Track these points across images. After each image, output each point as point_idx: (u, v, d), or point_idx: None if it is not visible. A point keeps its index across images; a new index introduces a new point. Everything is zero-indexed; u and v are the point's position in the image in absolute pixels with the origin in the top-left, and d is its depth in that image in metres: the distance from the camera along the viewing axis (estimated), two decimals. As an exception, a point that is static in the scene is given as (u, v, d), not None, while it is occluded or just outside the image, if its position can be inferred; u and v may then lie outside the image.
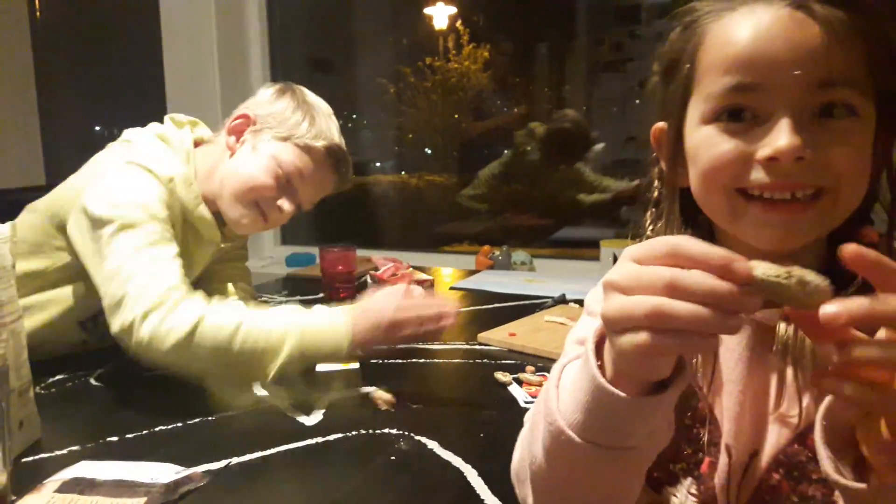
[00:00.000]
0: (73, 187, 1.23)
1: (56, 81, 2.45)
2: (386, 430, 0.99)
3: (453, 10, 2.77)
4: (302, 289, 1.82)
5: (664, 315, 0.45)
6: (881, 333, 0.44)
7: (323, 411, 1.06)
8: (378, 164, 3.25)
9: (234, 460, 0.89)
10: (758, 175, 0.59)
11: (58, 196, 1.24)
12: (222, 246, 1.35)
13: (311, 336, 1.06)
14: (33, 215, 1.26)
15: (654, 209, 0.74)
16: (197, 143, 1.33)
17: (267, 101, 1.31)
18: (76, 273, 1.20)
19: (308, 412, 1.05)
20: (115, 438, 0.98)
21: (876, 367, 0.44)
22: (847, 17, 0.59)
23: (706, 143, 0.63)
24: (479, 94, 2.91)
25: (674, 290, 0.44)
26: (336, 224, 3.01)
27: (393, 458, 0.92)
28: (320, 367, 1.21)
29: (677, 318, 0.44)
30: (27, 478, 0.82)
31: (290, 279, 2.00)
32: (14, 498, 0.77)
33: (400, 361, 1.29)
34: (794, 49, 0.58)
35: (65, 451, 0.94)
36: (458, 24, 2.77)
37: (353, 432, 0.99)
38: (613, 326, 0.48)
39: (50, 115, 2.42)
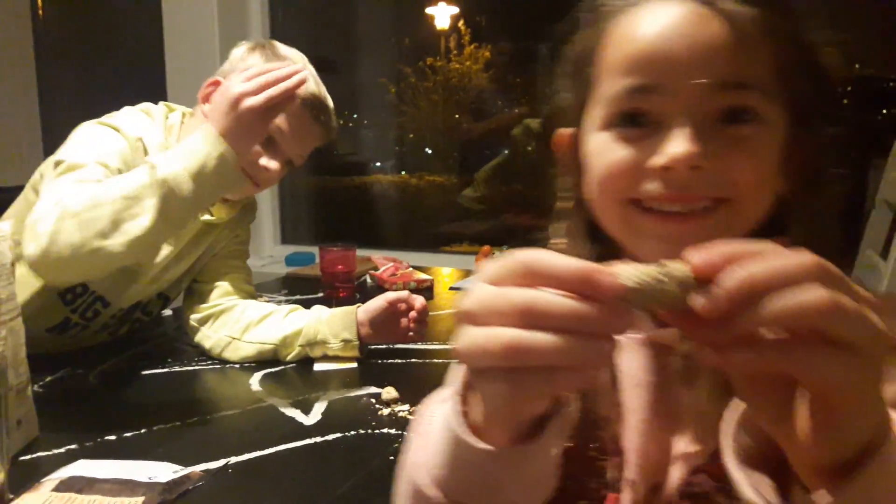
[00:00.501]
0: (46, 163, 1.22)
1: (57, 80, 2.45)
2: (384, 430, 0.99)
3: (455, 10, 2.77)
4: (302, 288, 1.82)
5: (521, 351, 0.37)
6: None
7: (322, 411, 1.06)
8: (378, 164, 3.25)
9: (233, 460, 0.89)
10: (651, 185, 0.55)
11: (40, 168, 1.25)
12: (210, 220, 1.31)
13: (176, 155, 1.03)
14: (24, 191, 1.28)
15: (556, 222, 0.68)
16: None
17: (238, 60, 1.27)
18: None
19: (307, 412, 1.05)
20: (112, 437, 0.98)
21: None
22: (758, 15, 0.55)
23: (600, 150, 0.58)
24: (479, 95, 2.91)
25: (530, 318, 0.37)
26: (336, 223, 3.01)
27: (392, 458, 0.91)
28: (318, 367, 1.22)
29: (537, 353, 0.37)
30: (25, 476, 0.82)
31: (289, 278, 2.00)
32: (12, 496, 0.77)
33: (399, 361, 1.29)
34: (696, 48, 0.54)
35: (62, 450, 0.93)
36: (461, 23, 2.77)
37: (352, 432, 0.99)
38: (469, 365, 0.41)
39: (51, 114, 2.42)
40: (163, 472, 0.80)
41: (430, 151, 3.16)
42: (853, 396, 0.37)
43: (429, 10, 2.78)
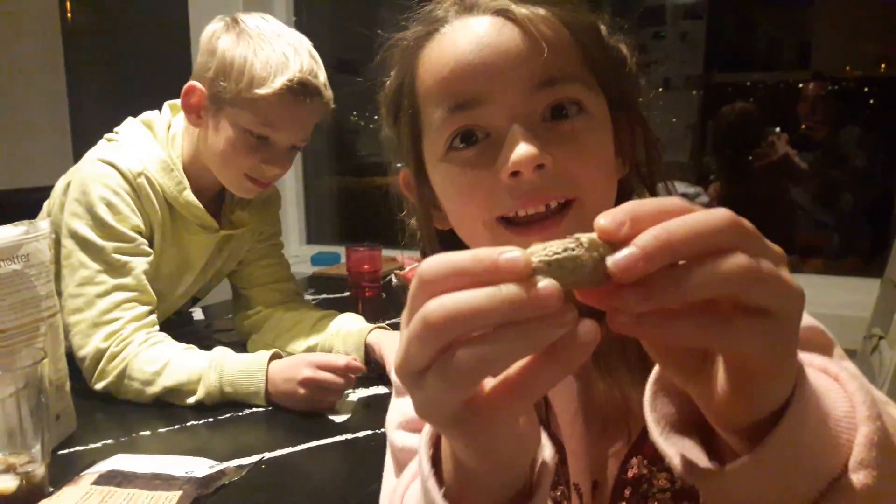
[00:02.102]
0: (63, 182, 1.24)
1: (86, 81, 2.49)
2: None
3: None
4: (328, 287, 1.84)
5: (481, 369, 0.33)
6: None
7: (352, 408, 1.07)
8: (399, 165, 3.25)
9: (266, 456, 0.90)
10: (507, 199, 0.55)
11: (51, 196, 1.27)
12: (227, 234, 1.30)
13: (228, 376, 1.08)
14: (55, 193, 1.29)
15: (420, 257, 0.69)
16: None
17: (207, 53, 1.18)
18: None
19: (337, 410, 1.06)
20: (147, 433, 0.99)
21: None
22: (549, 14, 0.57)
23: (448, 182, 0.59)
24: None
25: (463, 327, 0.33)
26: (360, 223, 3.02)
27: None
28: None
29: (497, 364, 0.33)
30: (64, 470, 0.83)
31: (315, 278, 2.01)
32: (51, 489, 0.78)
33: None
34: (504, 54, 0.55)
35: (99, 444, 0.95)
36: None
37: (382, 429, 0.99)
38: (437, 419, 0.37)
39: (80, 114, 2.46)
40: (199, 467, 0.81)
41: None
42: (772, 362, 0.35)
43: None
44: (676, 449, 0.41)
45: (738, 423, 0.38)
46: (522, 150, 0.54)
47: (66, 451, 0.93)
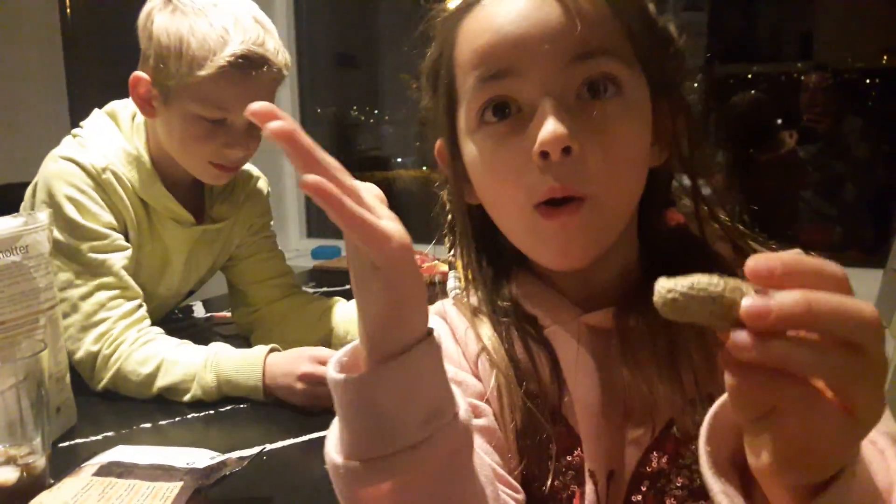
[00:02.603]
0: (33, 184, 1.21)
1: (86, 76, 2.48)
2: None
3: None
4: (329, 281, 1.83)
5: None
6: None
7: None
8: (399, 160, 3.25)
9: (268, 447, 0.90)
10: (537, 182, 0.55)
11: (24, 199, 1.26)
12: (205, 228, 1.26)
13: (225, 374, 1.06)
14: None
15: (450, 233, 0.69)
16: None
17: (145, 38, 1.12)
18: None
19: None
20: (148, 425, 0.99)
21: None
22: None
23: (479, 156, 0.58)
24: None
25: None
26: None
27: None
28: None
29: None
30: (64, 462, 0.83)
31: (316, 271, 2.01)
32: (52, 481, 0.78)
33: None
34: (542, 26, 0.54)
35: (100, 437, 0.95)
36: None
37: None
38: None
39: (80, 108, 2.45)
40: (200, 458, 0.81)
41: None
42: (866, 399, 0.34)
43: (450, 5, 2.77)
44: (721, 488, 0.41)
45: (790, 482, 0.38)
46: (550, 128, 0.53)
47: (66, 444, 0.93)
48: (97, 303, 1.09)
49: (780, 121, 2.44)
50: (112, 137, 1.18)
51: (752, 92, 2.37)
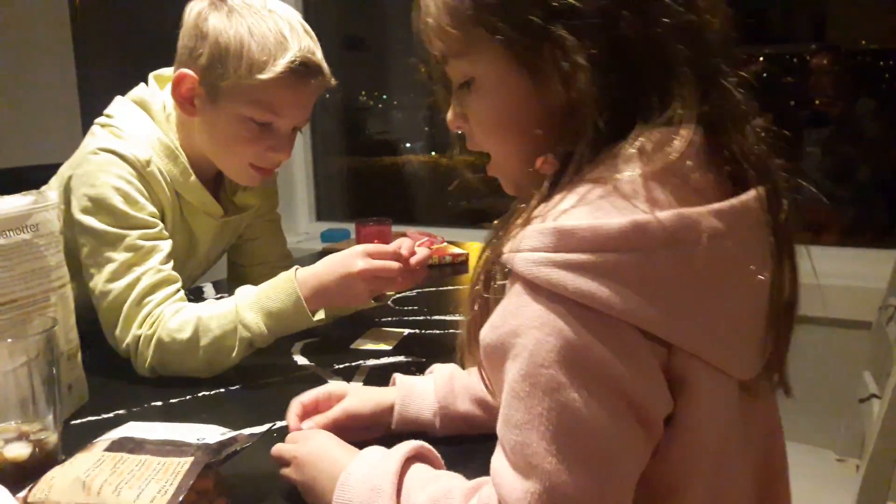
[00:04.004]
0: (60, 175, 1.20)
1: (95, 59, 2.48)
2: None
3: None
4: (338, 263, 1.83)
5: None
6: None
7: (363, 379, 1.07)
8: (408, 145, 3.25)
9: (277, 424, 0.90)
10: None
11: (49, 187, 1.19)
12: (229, 219, 1.27)
13: (263, 299, 1.06)
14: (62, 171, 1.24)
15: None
16: None
17: (196, 37, 1.11)
18: None
19: (348, 380, 1.06)
20: (159, 403, 1.00)
21: None
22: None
23: None
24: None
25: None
26: (369, 201, 3.02)
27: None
28: (355, 346, 1.20)
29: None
30: (76, 439, 0.83)
31: (325, 254, 2.00)
32: (64, 457, 0.79)
33: (437, 332, 1.29)
34: (418, 32, 0.68)
35: (111, 415, 0.96)
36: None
37: (393, 399, 0.99)
38: None
39: (89, 91, 2.46)
40: (211, 434, 0.81)
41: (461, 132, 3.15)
42: None
43: None
44: None
45: None
46: (448, 115, 0.71)
47: (78, 422, 0.94)
48: (144, 289, 1.07)
49: (792, 103, 2.42)
50: (148, 129, 1.16)
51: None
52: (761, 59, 2.43)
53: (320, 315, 1.12)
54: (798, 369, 0.67)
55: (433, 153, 3.17)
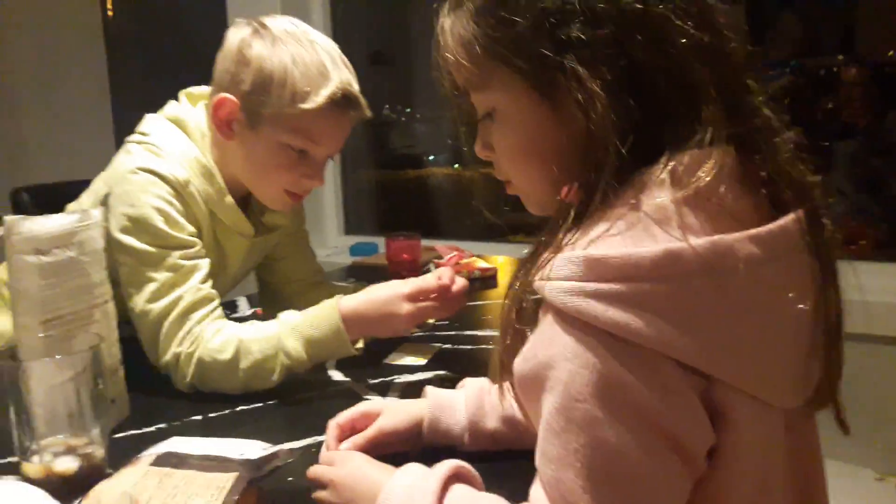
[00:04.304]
0: (95, 192, 1.21)
1: (128, 75, 2.53)
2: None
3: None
4: (368, 276, 1.84)
5: None
6: None
7: (397, 394, 1.07)
8: (432, 158, 3.26)
9: (318, 439, 0.91)
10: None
11: (80, 202, 1.25)
12: (259, 239, 1.28)
13: (305, 327, 1.08)
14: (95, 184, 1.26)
15: None
16: None
17: (239, 63, 1.12)
18: None
19: (384, 395, 1.07)
20: (199, 417, 1.01)
21: None
22: (450, 23, 0.66)
23: None
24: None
25: None
26: (396, 215, 3.04)
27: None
28: (389, 361, 1.21)
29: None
30: (118, 452, 0.85)
31: (355, 267, 2.03)
32: (110, 471, 0.80)
33: (469, 347, 1.29)
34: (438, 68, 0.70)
35: (153, 429, 0.97)
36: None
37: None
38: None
39: (122, 108, 2.50)
40: (252, 449, 0.82)
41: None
42: None
43: None
44: None
45: None
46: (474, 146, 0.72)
47: (120, 436, 0.95)
48: (185, 308, 1.07)
49: (819, 116, 2.40)
50: (186, 148, 1.17)
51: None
52: (787, 70, 2.42)
53: (360, 344, 1.14)
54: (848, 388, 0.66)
55: (456, 166, 3.19)
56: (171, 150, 1.15)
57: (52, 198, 1.63)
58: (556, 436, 0.53)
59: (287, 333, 1.07)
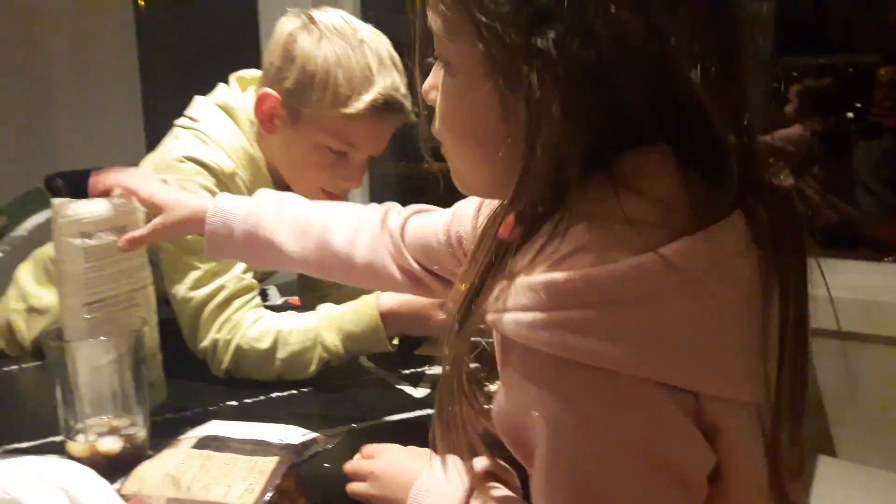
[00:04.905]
0: None
1: (159, 64, 2.54)
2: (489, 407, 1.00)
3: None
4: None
5: None
6: None
7: (429, 385, 1.08)
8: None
9: (354, 426, 0.92)
10: None
11: None
12: None
13: (344, 321, 1.08)
14: None
15: None
16: None
17: (284, 58, 1.11)
18: None
19: (415, 385, 1.08)
20: (234, 403, 1.02)
21: None
22: None
23: None
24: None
25: None
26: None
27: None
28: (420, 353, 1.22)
29: None
30: (157, 435, 0.86)
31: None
32: (151, 452, 0.81)
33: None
34: None
35: (189, 413, 0.98)
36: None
37: (462, 405, 1.00)
38: None
39: (152, 96, 2.52)
40: (292, 434, 0.83)
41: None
42: None
43: None
44: None
45: None
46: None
47: (158, 419, 0.96)
48: (226, 297, 1.08)
49: (850, 114, 2.38)
50: (233, 136, 1.16)
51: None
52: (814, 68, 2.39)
53: (395, 340, 1.15)
54: (867, 390, 0.65)
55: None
56: (219, 138, 1.15)
57: (86, 184, 1.65)
58: (552, 485, 0.49)
59: (325, 327, 1.08)
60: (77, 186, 1.64)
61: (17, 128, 2.40)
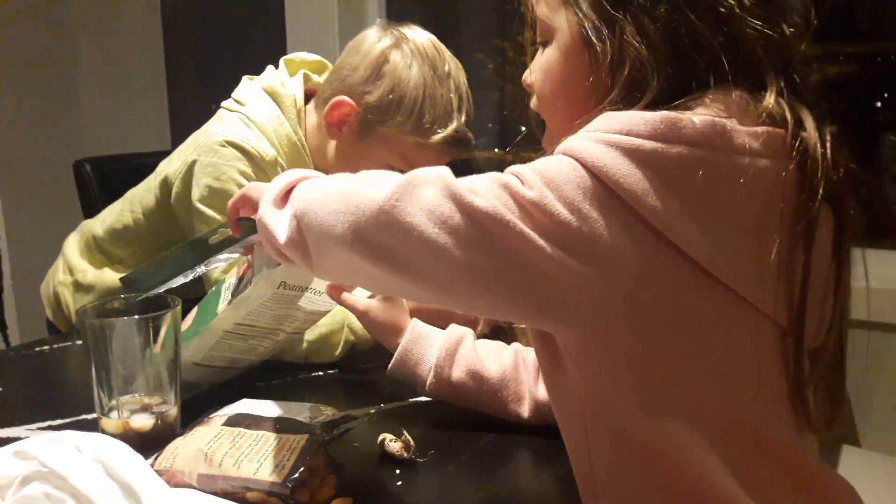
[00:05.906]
0: (183, 155, 1.20)
1: (183, 51, 2.56)
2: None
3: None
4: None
5: None
6: None
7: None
8: (475, 142, 3.25)
9: (382, 406, 0.92)
10: None
11: (170, 162, 1.25)
12: None
13: None
14: (152, 176, 1.28)
15: None
16: (310, 92, 1.23)
17: (371, 71, 1.12)
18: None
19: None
20: (262, 384, 1.03)
21: None
22: None
23: None
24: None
25: None
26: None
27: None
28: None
29: None
30: (185, 412, 0.87)
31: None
32: (182, 431, 0.82)
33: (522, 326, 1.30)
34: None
35: (216, 394, 0.99)
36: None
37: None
38: None
39: (177, 84, 2.54)
40: (322, 413, 0.84)
41: (524, 129, 3.14)
42: None
43: None
44: None
45: None
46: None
47: (187, 398, 0.97)
48: None
49: (878, 104, 2.34)
50: (278, 123, 1.17)
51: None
52: (841, 57, 2.36)
53: None
54: (891, 379, 0.65)
55: (496, 150, 3.18)
56: (264, 124, 1.15)
57: (113, 170, 1.67)
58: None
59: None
60: (104, 172, 1.67)
61: (44, 114, 2.43)
